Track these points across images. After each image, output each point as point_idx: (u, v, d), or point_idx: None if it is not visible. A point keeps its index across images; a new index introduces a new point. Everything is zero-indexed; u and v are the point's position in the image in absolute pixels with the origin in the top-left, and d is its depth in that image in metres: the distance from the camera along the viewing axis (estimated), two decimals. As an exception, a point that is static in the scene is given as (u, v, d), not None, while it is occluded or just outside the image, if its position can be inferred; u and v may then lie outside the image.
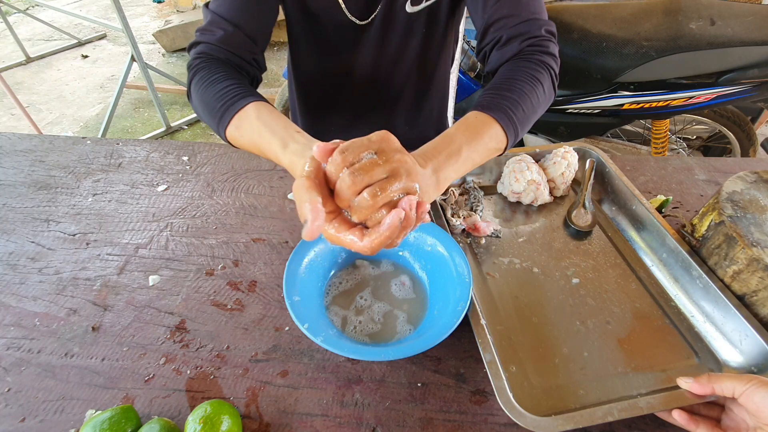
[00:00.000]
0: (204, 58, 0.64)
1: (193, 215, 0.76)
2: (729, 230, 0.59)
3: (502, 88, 0.57)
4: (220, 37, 0.64)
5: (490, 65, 0.67)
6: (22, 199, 0.78)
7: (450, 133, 0.52)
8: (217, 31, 0.64)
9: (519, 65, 0.60)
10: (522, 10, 0.62)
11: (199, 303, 0.62)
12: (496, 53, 0.65)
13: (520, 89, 0.57)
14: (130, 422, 0.46)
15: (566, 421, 0.46)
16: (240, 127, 0.56)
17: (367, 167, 0.39)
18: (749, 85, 1.37)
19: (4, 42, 3.57)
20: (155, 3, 4.27)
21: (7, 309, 0.61)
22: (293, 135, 0.50)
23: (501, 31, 0.63)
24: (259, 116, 0.54)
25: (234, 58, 0.65)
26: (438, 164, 0.48)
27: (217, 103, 0.57)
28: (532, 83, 0.58)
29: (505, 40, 0.63)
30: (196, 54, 0.65)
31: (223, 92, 0.58)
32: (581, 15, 1.45)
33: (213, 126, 0.59)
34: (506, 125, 0.54)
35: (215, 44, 0.64)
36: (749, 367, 0.55)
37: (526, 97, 0.57)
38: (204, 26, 0.66)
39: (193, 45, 0.66)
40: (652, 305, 0.63)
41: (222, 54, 0.64)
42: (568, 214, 0.75)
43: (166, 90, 2.87)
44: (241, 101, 0.56)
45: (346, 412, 0.51)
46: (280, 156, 0.50)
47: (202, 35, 0.65)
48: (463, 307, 0.54)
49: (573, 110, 1.54)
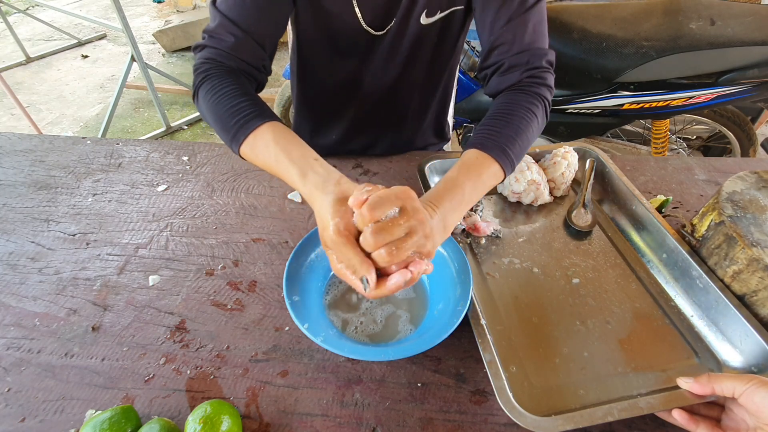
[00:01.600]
0: (213, 64, 0.63)
1: (193, 215, 0.76)
2: (729, 230, 0.59)
3: (500, 124, 0.61)
4: (231, 44, 0.62)
5: (489, 89, 0.70)
6: (22, 199, 0.78)
7: (454, 179, 0.55)
8: (227, 37, 0.62)
9: (516, 98, 0.64)
10: (527, 37, 0.64)
11: (199, 303, 0.62)
12: (497, 79, 0.67)
13: (516, 125, 0.60)
14: (130, 422, 0.46)
15: (566, 421, 0.46)
16: (255, 147, 0.56)
17: (389, 226, 0.43)
18: (749, 85, 1.37)
19: (4, 42, 3.57)
20: (155, 3, 4.28)
21: (7, 309, 0.61)
22: (312, 164, 0.52)
23: (504, 56, 0.65)
24: (276, 140, 0.55)
25: (243, 66, 0.64)
26: (445, 211, 0.51)
27: (230, 119, 0.57)
28: (528, 118, 0.62)
29: (507, 68, 0.66)
30: (204, 59, 0.63)
31: (236, 108, 0.58)
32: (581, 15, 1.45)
33: (225, 140, 0.59)
34: (504, 162, 0.58)
35: (225, 51, 0.63)
36: (749, 367, 0.55)
37: (522, 132, 0.60)
38: (213, 28, 0.64)
39: (200, 47, 0.65)
40: (652, 305, 0.63)
41: (232, 62, 0.63)
42: (568, 214, 0.75)
43: (166, 90, 2.87)
44: (256, 120, 0.56)
45: (346, 412, 0.51)
46: (299, 186, 0.52)
47: (211, 39, 0.64)
48: (463, 307, 0.54)
49: (573, 110, 1.54)
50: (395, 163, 0.87)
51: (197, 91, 0.63)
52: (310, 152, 0.54)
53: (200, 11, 3.70)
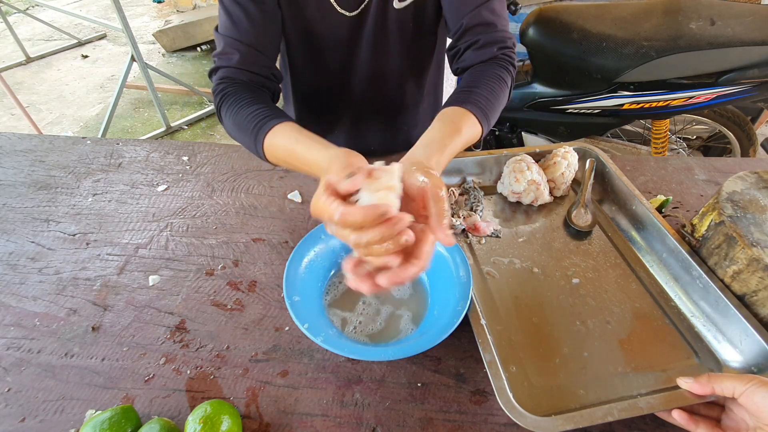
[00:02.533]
0: (228, 82, 0.67)
1: (193, 215, 0.76)
2: (729, 230, 0.59)
3: (473, 85, 0.66)
4: (238, 60, 0.66)
5: (464, 63, 0.73)
6: (22, 199, 0.78)
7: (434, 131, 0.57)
8: (233, 54, 0.67)
9: (489, 68, 0.69)
10: (499, 22, 0.71)
11: (199, 303, 0.62)
12: (473, 53, 0.71)
13: (490, 87, 0.66)
14: (130, 422, 0.46)
15: (566, 421, 0.46)
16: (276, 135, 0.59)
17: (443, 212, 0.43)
18: (749, 85, 1.37)
19: (4, 42, 3.57)
20: (155, 3, 4.27)
21: (7, 309, 0.61)
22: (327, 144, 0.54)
23: (479, 35, 0.70)
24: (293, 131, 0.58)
25: (255, 78, 0.68)
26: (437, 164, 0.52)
27: (249, 124, 0.61)
28: (501, 84, 0.68)
29: (483, 44, 0.70)
30: (220, 79, 0.67)
31: (254, 114, 0.61)
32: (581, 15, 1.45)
33: (251, 145, 0.62)
34: (479, 115, 0.61)
35: (235, 67, 0.67)
36: (749, 367, 0.55)
37: (494, 92, 0.66)
38: (220, 51, 0.68)
39: (213, 71, 0.69)
40: (652, 305, 0.63)
41: (245, 76, 0.67)
42: (568, 214, 0.75)
43: (166, 90, 2.87)
44: (273, 120, 0.59)
45: (346, 412, 0.51)
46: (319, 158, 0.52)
47: (221, 60, 0.68)
48: (463, 307, 0.54)
49: (573, 110, 1.54)
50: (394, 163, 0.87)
51: (220, 112, 0.67)
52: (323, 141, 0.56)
53: (200, 11, 3.70)
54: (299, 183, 0.82)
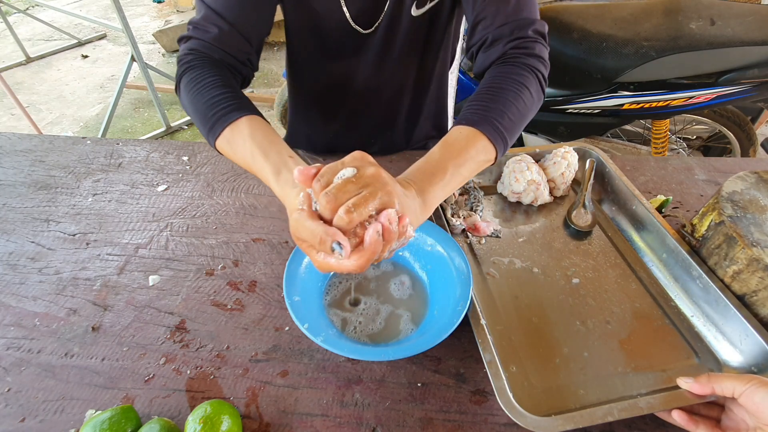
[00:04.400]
0: (196, 55, 0.62)
1: (193, 215, 0.76)
2: (729, 230, 0.59)
3: (486, 98, 0.57)
4: (215, 35, 0.62)
5: (477, 67, 0.66)
6: (22, 199, 0.78)
7: (432, 154, 0.52)
8: (211, 28, 0.62)
9: (503, 71, 0.60)
10: (510, 8, 0.60)
11: (199, 303, 0.62)
12: (482, 55, 0.64)
13: (504, 98, 0.56)
14: (130, 422, 0.46)
15: (566, 421, 0.46)
16: (232, 141, 0.55)
17: (340, 186, 0.40)
18: (749, 85, 1.37)
19: (4, 42, 3.56)
20: (155, 3, 4.27)
21: (7, 309, 0.61)
22: (286, 161, 0.50)
23: (486, 30, 0.62)
24: (252, 135, 0.53)
25: (228, 58, 0.63)
26: (422, 186, 0.48)
27: (208, 111, 0.56)
28: (518, 89, 0.57)
29: (490, 42, 0.62)
30: (189, 50, 0.62)
31: (216, 100, 0.56)
32: (581, 15, 1.45)
33: (203, 132, 0.58)
34: (493, 136, 0.54)
35: (209, 42, 0.62)
36: (749, 367, 0.55)
37: (512, 104, 0.56)
38: (197, 20, 0.63)
39: (185, 38, 0.64)
40: (652, 305, 0.63)
41: (216, 53, 0.62)
42: (568, 214, 0.75)
43: (166, 90, 2.87)
44: (234, 113, 0.55)
45: (346, 412, 0.51)
46: (272, 184, 0.50)
47: (196, 30, 0.63)
48: (463, 307, 0.54)
49: (573, 110, 1.54)
50: (394, 163, 0.87)
51: (179, 81, 0.62)
52: (285, 149, 0.52)
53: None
54: (299, 183, 0.82)
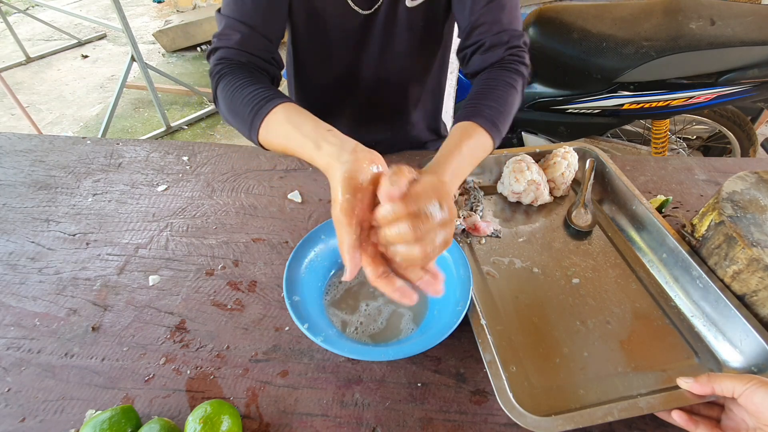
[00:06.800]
0: (225, 63, 0.65)
1: (193, 215, 0.76)
2: (729, 230, 0.59)
3: (485, 98, 0.64)
4: (238, 40, 0.64)
5: (471, 68, 0.72)
6: (22, 199, 0.78)
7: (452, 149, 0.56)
8: (234, 35, 0.65)
9: (498, 74, 0.67)
10: (505, 18, 0.68)
11: (199, 303, 0.62)
12: (479, 57, 0.70)
13: (501, 98, 0.64)
14: (130, 422, 0.46)
15: (566, 421, 0.46)
16: (269, 131, 0.57)
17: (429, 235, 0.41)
18: (749, 85, 1.37)
19: (4, 42, 3.56)
20: (155, 3, 4.27)
21: (7, 309, 0.61)
22: (325, 135, 0.50)
23: (485, 36, 0.68)
24: (288, 118, 0.55)
25: (255, 60, 0.66)
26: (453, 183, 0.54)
27: (245, 109, 0.58)
28: (510, 92, 0.66)
29: (488, 46, 0.68)
30: (217, 60, 0.66)
31: (250, 97, 0.59)
32: (581, 15, 1.45)
33: (245, 133, 0.60)
34: (493, 133, 0.60)
35: (235, 48, 0.65)
36: (749, 367, 0.55)
37: (507, 104, 0.64)
38: (220, 31, 0.66)
39: (212, 51, 0.67)
40: (652, 305, 0.63)
41: (243, 57, 0.65)
42: (568, 214, 0.75)
43: (166, 90, 2.87)
44: (269, 104, 0.57)
45: (346, 412, 0.51)
46: (316, 158, 0.50)
47: (220, 40, 0.66)
48: (463, 307, 0.54)
49: (573, 110, 1.54)
50: (395, 164, 0.87)
51: (216, 92, 0.65)
52: (322, 125, 0.53)
53: (200, 11, 3.70)
54: (299, 183, 0.82)
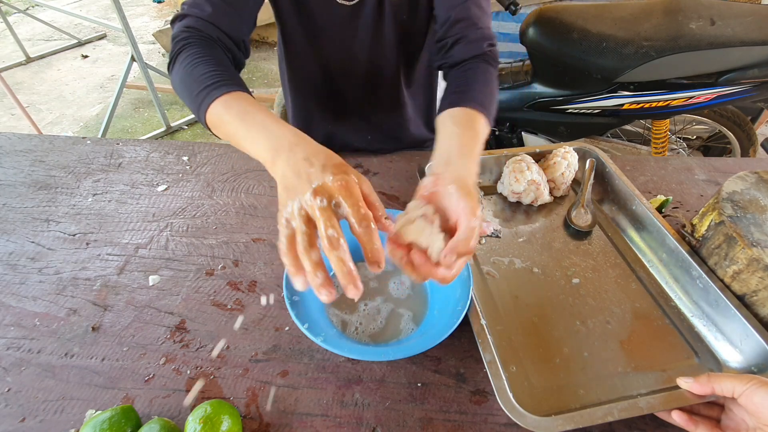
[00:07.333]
0: (193, 32, 0.62)
1: (193, 215, 0.75)
2: (729, 230, 0.59)
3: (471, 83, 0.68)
4: (210, 12, 0.62)
5: (453, 57, 0.74)
6: (22, 199, 0.78)
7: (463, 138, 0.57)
8: (206, 6, 0.62)
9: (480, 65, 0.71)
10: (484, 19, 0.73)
11: (199, 303, 0.62)
12: (463, 47, 0.72)
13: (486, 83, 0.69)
14: (130, 422, 0.46)
15: (566, 421, 0.46)
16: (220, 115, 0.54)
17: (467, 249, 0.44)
18: (749, 85, 1.37)
19: (4, 42, 3.56)
20: (155, 3, 4.27)
21: (7, 309, 0.61)
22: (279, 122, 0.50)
23: (468, 30, 0.71)
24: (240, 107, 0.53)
25: (223, 38, 0.64)
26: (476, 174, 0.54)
27: (199, 86, 0.55)
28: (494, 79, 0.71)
29: (472, 39, 0.72)
30: (185, 27, 0.62)
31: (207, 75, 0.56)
32: (581, 15, 1.45)
33: (193, 109, 0.57)
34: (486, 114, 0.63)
35: (205, 19, 0.62)
36: (749, 367, 0.55)
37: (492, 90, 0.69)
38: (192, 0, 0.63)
39: (180, 16, 0.64)
40: (652, 305, 0.63)
41: (212, 31, 0.63)
42: (568, 214, 0.75)
43: (166, 90, 2.87)
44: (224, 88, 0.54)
45: (346, 412, 0.51)
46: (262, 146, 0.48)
47: (191, 8, 0.63)
48: (463, 307, 0.54)
49: (573, 110, 1.54)
50: (395, 163, 0.87)
51: (174, 59, 0.61)
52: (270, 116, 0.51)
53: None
54: (299, 183, 0.82)
